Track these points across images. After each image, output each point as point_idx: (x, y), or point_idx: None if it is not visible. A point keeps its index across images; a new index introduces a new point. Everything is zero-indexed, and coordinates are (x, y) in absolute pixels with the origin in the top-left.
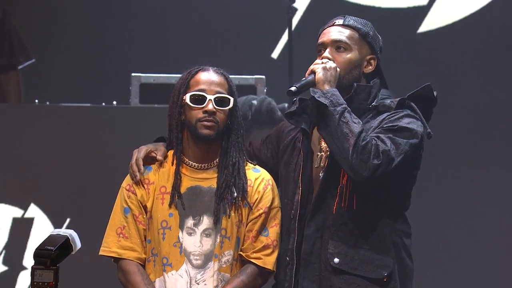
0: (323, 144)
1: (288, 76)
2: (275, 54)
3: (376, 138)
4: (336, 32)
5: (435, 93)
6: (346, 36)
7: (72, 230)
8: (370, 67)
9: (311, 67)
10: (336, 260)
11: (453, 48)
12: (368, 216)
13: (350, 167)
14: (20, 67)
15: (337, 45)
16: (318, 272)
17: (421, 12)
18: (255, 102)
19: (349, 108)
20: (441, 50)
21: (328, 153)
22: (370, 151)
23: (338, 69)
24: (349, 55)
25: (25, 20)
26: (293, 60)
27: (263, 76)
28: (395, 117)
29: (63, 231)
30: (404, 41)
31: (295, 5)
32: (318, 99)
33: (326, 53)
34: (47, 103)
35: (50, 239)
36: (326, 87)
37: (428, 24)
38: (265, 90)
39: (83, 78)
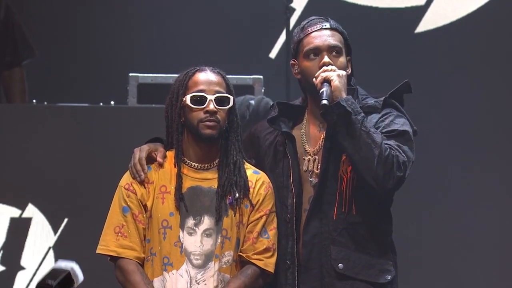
0: (309, 148)
1: (285, 76)
2: (273, 54)
3: (393, 148)
4: (329, 36)
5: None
6: (338, 40)
7: (74, 263)
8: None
9: (324, 75)
10: (340, 265)
11: (450, 48)
12: (367, 220)
13: (374, 178)
14: (23, 63)
15: (333, 50)
16: (320, 278)
17: (418, 12)
18: (252, 102)
19: (365, 116)
20: (439, 50)
21: (316, 156)
22: (393, 162)
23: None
24: (342, 59)
25: (22, 19)
26: (290, 60)
27: (261, 76)
28: (389, 119)
29: (65, 264)
30: (402, 41)
31: (292, 5)
32: (348, 108)
33: (326, 59)
34: (45, 103)
35: (53, 272)
36: (344, 94)
37: (426, 24)
38: (262, 90)
39: (81, 78)
